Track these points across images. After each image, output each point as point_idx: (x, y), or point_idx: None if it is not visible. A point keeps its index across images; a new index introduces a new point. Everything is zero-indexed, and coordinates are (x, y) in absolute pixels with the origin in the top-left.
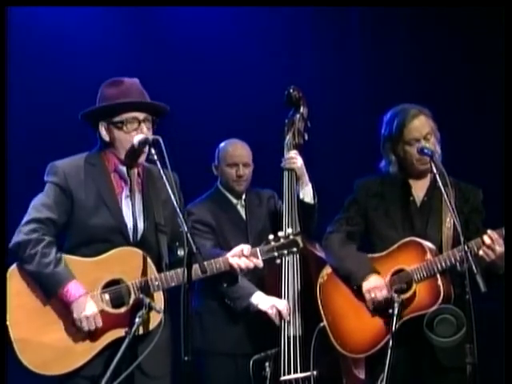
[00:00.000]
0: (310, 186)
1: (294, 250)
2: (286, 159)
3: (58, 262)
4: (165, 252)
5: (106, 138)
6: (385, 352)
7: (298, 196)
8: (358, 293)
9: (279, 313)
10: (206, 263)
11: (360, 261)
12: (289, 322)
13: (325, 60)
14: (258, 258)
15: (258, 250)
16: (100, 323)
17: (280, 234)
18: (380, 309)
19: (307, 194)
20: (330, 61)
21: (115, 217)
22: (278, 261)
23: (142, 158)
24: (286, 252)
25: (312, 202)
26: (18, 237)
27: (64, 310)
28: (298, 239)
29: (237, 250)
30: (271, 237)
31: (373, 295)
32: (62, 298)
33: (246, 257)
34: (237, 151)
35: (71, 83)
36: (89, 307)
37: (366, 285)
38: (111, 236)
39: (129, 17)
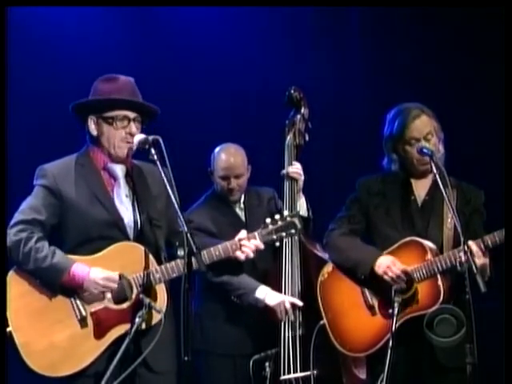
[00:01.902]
0: (303, 198)
1: (293, 231)
2: (293, 170)
3: (53, 252)
4: (162, 246)
5: (94, 132)
6: (385, 352)
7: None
8: (365, 283)
9: (285, 310)
10: (205, 252)
11: (364, 249)
12: (289, 322)
13: (325, 60)
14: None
15: (256, 233)
16: (117, 277)
17: (277, 216)
18: (403, 282)
19: (302, 206)
20: (329, 61)
21: (110, 211)
22: (278, 243)
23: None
24: (284, 234)
25: (306, 214)
26: (7, 240)
27: (66, 308)
28: (296, 220)
29: (234, 239)
30: (268, 220)
31: (390, 274)
32: (70, 284)
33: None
34: (228, 163)
35: (71, 83)
36: (98, 274)
37: (379, 268)
38: (108, 232)
39: (129, 17)
